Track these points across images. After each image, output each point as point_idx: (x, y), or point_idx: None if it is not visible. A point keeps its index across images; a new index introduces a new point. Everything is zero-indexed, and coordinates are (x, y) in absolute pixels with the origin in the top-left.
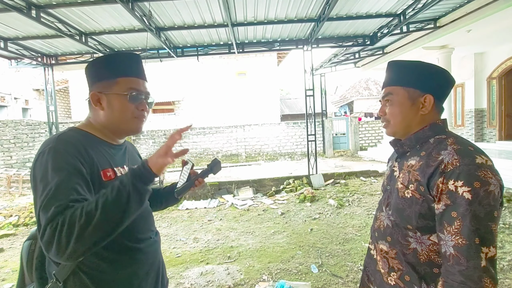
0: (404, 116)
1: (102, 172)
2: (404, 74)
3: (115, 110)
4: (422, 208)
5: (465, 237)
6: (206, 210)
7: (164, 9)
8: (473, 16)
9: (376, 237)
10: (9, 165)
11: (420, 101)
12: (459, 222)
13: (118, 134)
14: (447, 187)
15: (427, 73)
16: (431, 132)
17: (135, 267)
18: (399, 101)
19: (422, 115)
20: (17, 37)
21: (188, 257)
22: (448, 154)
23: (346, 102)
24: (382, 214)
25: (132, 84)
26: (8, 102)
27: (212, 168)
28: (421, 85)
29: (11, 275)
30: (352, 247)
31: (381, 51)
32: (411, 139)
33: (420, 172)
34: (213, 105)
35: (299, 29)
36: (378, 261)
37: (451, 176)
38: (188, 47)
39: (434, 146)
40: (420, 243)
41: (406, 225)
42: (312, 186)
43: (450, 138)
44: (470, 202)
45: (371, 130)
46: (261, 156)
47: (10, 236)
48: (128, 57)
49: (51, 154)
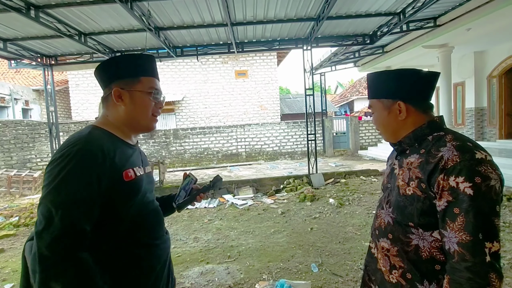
0: (386, 125)
1: (124, 173)
2: (376, 86)
3: (137, 106)
4: (423, 205)
5: (469, 233)
6: (206, 210)
7: (163, 9)
8: (473, 14)
9: (377, 235)
10: (10, 166)
11: (395, 108)
12: (462, 218)
13: (136, 130)
14: (448, 183)
15: (393, 81)
16: (428, 129)
17: (154, 261)
18: (378, 113)
19: (402, 120)
20: (16, 38)
21: (188, 256)
22: (447, 151)
23: (346, 101)
24: (383, 212)
25: (153, 83)
26: (8, 103)
27: (214, 184)
28: (390, 94)
29: (11, 275)
30: (352, 246)
31: (381, 50)
32: (409, 138)
33: (420, 169)
34: (213, 105)
35: (298, 28)
36: (379, 259)
37: (452, 172)
38: (188, 47)
39: (433, 143)
40: (422, 240)
41: (407, 222)
42: (312, 186)
43: (449, 134)
44: (472, 197)
45: (371, 129)
46: (261, 155)
47: (11, 236)
48: (149, 58)
49: (76, 161)
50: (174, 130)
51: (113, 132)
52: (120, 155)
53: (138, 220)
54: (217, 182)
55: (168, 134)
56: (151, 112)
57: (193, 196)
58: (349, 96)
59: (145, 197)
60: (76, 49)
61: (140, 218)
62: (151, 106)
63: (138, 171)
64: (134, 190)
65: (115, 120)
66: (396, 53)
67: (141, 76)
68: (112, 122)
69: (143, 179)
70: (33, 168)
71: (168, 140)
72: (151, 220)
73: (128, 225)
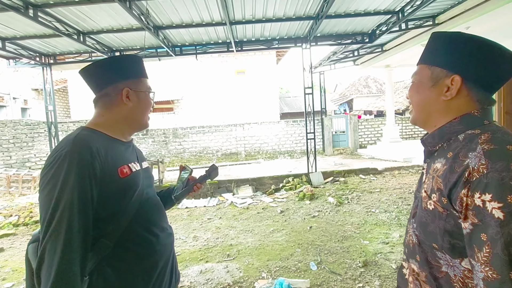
0: (421, 100)
1: (119, 169)
2: (434, 49)
3: (142, 105)
4: (447, 224)
5: (497, 270)
6: (205, 209)
7: (162, 8)
8: (472, 13)
9: (407, 254)
10: (9, 165)
11: (445, 83)
12: (488, 249)
13: (135, 128)
14: (473, 201)
15: (462, 47)
16: (461, 125)
17: (156, 257)
18: (419, 82)
19: (446, 101)
20: (14, 37)
21: (188, 255)
22: (475, 157)
23: (346, 100)
24: (410, 227)
25: (149, 83)
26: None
27: (210, 174)
28: (449, 62)
29: (11, 275)
30: (351, 244)
31: (380, 49)
32: (433, 136)
33: (443, 180)
34: (212, 104)
35: (297, 27)
36: (409, 282)
37: (477, 187)
38: (187, 46)
39: (463, 145)
40: (451, 268)
41: (431, 243)
42: (312, 184)
43: (485, 133)
44: (501, 223)
45: (370, 128)
46: (261, 154)
47: (10, 235)
48: (140, 59)
49: (66, 164)
50: (173, 129)
51: (104, 131)
52: (113, 153)
53: (139, 215)
54: (212, 172)
55: (167, 133)
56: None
57: (190, 186)
58: (349, 94)
59: (144, 192)
60: (75, 48)
61: (141, 214)
62: (151, 104)
63: (134, 166)
64: (131, 185)
65: (114, 119)
66: (395, 52)
67: (141, 77)
68: (106, 122)
69: (139, 174)
70: (32, 167)
71: (167, 139)
72: (152, 215)
73: (129, 221)
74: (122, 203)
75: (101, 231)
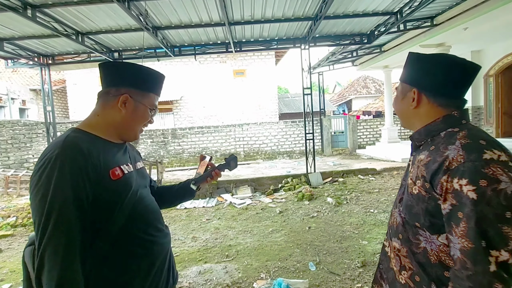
0: (398, 110)
1: (111, 171)
2: (405, 68)
3: (136, 117)
4: (428, 205)
5: (471, 240)
6: (204, 209)
7: (161, 8)
8: (470, 14)
9: (390, 234)
10: (7, 166)
11: (410, 95)
12: (464, 224)
13: (122, 137)
14: (452, 185)
15: (418, 64)
16: (443, 124)
17: (153, 257)
18: (396, 95)
19: (414, 109)
20: (13, 37)
21: (187, 256)
22: (454, 150)
23: (345, 100)
24: (395, 211)
25: (156, 101)
26: (5, 103)
27: (229, 163)
28: (410, 78)
29: (9, 276)
30: (349, 244)
31: (379, 50)
32: (420, 133)
33: (425, 168)
34: (211, 105)
35: (296, 27)
36: (391, 258)
37: (455, 174)
38: (186, 46)
39: (444, 140)
40: (429, 243)
41: (414, 222)
42: (311, 185)
43: (463, 131)
44: (475, 202)
45: (369, 129)
46: (260, 155)
47: (8, 236)
48: (162, 78)
49: (57, 167)
50: (172, 130)
51: (95, 132)
52: (104, 154)
53: (133, 216)
54: (231, 161)
55: (166, 134)
56: (143, 125)
57: (209, 172)
58: (347, 95)
59: (138, 193)
60: (73, 49)
61: (135, 215)
62: (146, 120)
63: (126, 168)
64: (124, 188)
65: (106, 121)
66: (394, 52)
67: (151, 92)
68: (98, 123)
69: (132, 176)
70: (30, 168)
71: (166, 139)
72: (147, 215)
73: (124, 222)
74: (116, 205)
75: (96, 232)
